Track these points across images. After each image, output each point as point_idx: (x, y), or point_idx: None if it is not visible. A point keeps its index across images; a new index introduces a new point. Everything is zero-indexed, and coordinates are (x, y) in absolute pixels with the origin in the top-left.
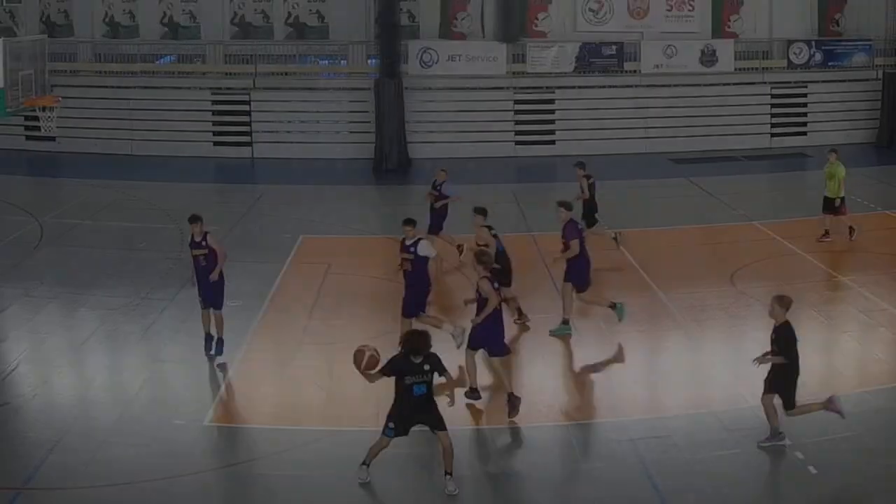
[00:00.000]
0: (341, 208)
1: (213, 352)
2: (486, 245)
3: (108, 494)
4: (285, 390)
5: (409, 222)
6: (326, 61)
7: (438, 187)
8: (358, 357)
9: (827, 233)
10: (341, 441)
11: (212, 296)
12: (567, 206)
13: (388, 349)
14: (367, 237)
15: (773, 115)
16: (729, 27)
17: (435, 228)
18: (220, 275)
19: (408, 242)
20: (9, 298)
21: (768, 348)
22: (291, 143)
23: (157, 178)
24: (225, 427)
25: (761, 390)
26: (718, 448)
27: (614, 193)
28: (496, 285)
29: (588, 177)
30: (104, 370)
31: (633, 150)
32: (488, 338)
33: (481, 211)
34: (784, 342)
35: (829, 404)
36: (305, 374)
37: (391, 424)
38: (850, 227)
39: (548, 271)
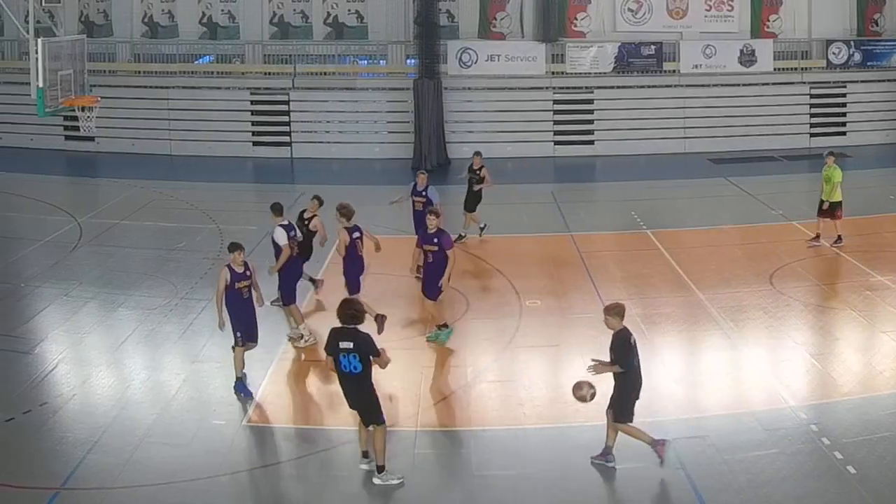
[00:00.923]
0: (380, 208)
1: (246, 395)
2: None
3: (147, 494)
4: (323, 390)
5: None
6: (365, 61)
7: (423, 192)
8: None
9: (818, 237)
10: None
11: (252, 330)
12: (436, 213)
13: (429, 348)
14: (405, 237)
15: (811, 115)
16: (768, 27)
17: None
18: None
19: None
20: (47, 298)
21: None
22: (330, 143)
23: (195, 179)
24: (263, 427)
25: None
26: (757, 448)
27: (653, 193)
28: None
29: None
30: (143, 370)
31: (671, 150)
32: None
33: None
34: (618, 350)
35: (656, 445)
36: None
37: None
38: (817, 235)
39: (587, 270)
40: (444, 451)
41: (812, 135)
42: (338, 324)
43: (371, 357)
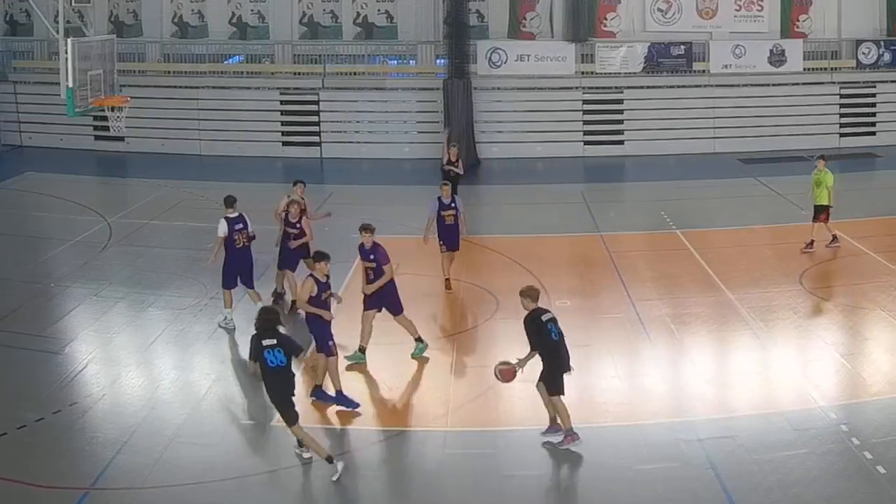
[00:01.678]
0: (410, 208)
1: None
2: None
3: (176, 494)
4: (353, 390)
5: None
6: (395, 61)
7: (452, 205)
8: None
9: (811, 243)
10: (410, 441)
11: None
12: (370, 228)
13: (459, 349)
14: (435, 237)
15: (841, 116)
16: (797, 27)
17: None
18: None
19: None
20: (77, 298)
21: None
22: (360, 143)
23: (225, 179)
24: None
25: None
26: (787, 448)
27: (682, 193)
28: None
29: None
30: (172, 370)
31: (701, 150)
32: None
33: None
34: (527, 332)
35: (568, 434)
36: (374, 375)
37: None
38: (811, 241)
39: (616, 270)
40: (474, 451)
41: (842, 135)
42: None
43: (292, 355)
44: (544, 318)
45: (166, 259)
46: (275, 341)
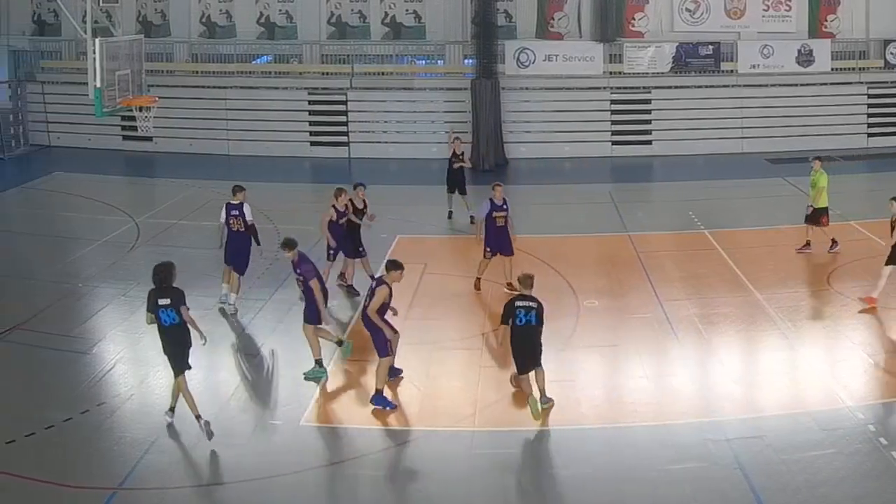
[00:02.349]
0: (437, 208)
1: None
2: None
3: (204, 494)
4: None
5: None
6: (423, 61)
7: (503, 206)
8: None
9: (808, 244)
10: (437, 441)
11: None
12: (290, 244)
13: (487, 348)
14: (463, 237)
15: (869, 116)
16: (825, 27)
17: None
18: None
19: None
20: (105, 298)
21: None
22: (388, 143)
23: (253, 179)
24: (321, 427)
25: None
26: (815, 448)
27: (710, 193)
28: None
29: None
30: (200, 370)
31: (729, 150)
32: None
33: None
34: (504, 311)
35: (545, 398)
36: (402, 374)
37: None
38: (808, 242)
39: (644, 270)
40: (502, 450)
41: (870, 135)
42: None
43: (181, 309)
44: (518, 303)
45: (194, 259)
46: (168, 301)
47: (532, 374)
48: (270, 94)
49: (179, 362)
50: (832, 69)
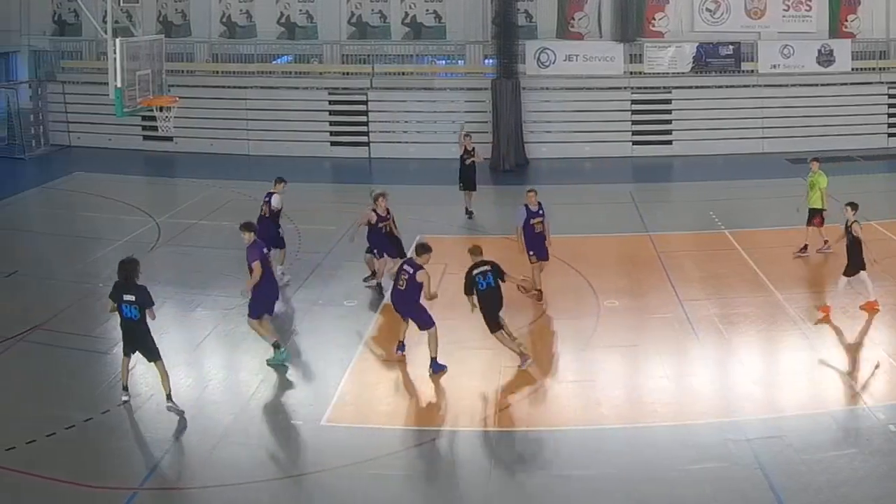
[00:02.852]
0: (458, 209)
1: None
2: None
3: (225, 494)
4: (401, 390)
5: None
6: (443, 61)
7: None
8: None
9: (805, 247)
10: (458, 441)
11: None
12: (248, 227)
13: (507, 348)
14: (484, 237)
15: (890, 115)
16: (846, 27)
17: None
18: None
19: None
20: None
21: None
22: (408, 143)
23: (273, 179)
24: (342, 427)
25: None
26: (835, 448)
27: (731, 193)
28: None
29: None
30: (220, 370)
31: (749, 150)
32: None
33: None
34: (466, 282)
35: (524, 358)
36: (421, 375)
37: None
38: (805, 245)
39: (665, 271)
40: (523, 450)
41: (890, 135)
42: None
43: (146, 307)
44: (475, 271)
45: (214, 259)
46: (133, 298)
47: (501, 332)
48: (291, 94)
49: (155, 352)
50: (852, 69)
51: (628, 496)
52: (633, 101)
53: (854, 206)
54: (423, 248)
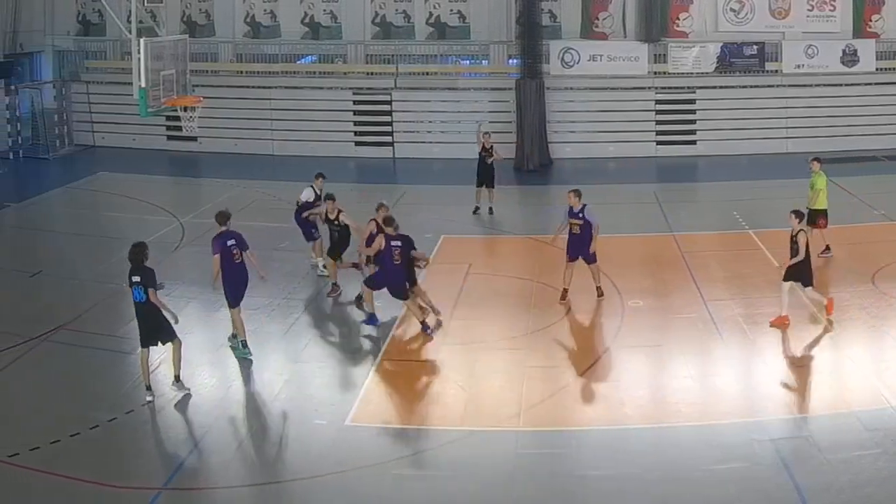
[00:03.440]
0: (482, 209)
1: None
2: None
3: (249, 494)
4: (426, 390)
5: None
6: (467, 61)
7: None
8: None
9: (827, 247)
10: (481, 441)
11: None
12: (222, 217)
13: (532, 348)
14: (508, 237)
15: None
16: (870, 27)
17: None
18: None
19: None
20: None
21: None
22: (432, 143)
23: (297, 179)
24: (366, 427)
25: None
26: (859, 448)
27: (755, 193)
28: None
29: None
30: (244, 370)
31: (774, 150)
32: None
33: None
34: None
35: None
36: (446, 375)
37: None
38: (827, 245)
39: (689, 270)
40: (547, 451)
41: None
42: None
43: (150, 288)
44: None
45: None
46: (139, 279)
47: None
48: (315, 94)
49: (169, 333)
50: (877, 69)
51: (652, 496)
52: (658, 101)
53: (799, 214)
54: (390, 221)
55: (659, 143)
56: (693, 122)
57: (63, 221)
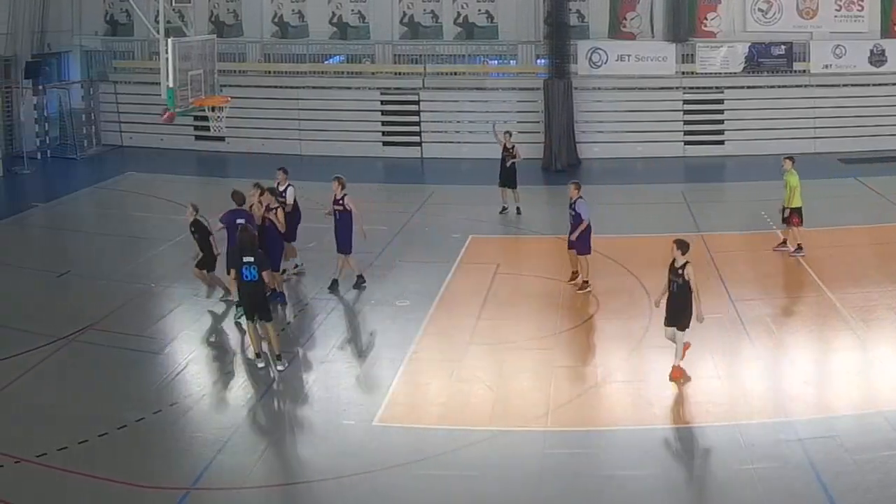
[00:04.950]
0: (510, 209)
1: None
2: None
3: (276, 494)
4: (453, 390)
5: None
6: (496, 61)
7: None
8: None
9: (784, 241)
10: (509, 441)
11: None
12: (238, 197)
13: (560, 349)
14: (536, 237)
15: None
16: None
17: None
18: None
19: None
20: (177, 298)
21: None
22: (460, 143)
23: (326, 179)
24: (394, 427)
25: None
26: (887, 448)
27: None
28: None
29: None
30: (271, 370)
31: (802, 149)
32: None
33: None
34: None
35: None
36: (474, 375)
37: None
38: (799, 244)
39: (716, 270)
40: (574, 450)
41: None
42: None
43: (264, 270)
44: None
45: None
46: (252, 259)
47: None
48: (343, 94)
49: (268, 312)
50: None
51: (679, 496)
52: (686, 101)
53: (682, 245)
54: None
55: (687, 143)
56: (721, 122)
57: (91, 221)
